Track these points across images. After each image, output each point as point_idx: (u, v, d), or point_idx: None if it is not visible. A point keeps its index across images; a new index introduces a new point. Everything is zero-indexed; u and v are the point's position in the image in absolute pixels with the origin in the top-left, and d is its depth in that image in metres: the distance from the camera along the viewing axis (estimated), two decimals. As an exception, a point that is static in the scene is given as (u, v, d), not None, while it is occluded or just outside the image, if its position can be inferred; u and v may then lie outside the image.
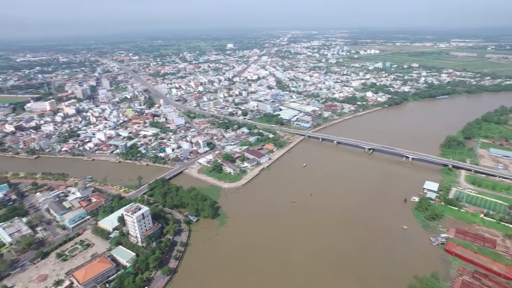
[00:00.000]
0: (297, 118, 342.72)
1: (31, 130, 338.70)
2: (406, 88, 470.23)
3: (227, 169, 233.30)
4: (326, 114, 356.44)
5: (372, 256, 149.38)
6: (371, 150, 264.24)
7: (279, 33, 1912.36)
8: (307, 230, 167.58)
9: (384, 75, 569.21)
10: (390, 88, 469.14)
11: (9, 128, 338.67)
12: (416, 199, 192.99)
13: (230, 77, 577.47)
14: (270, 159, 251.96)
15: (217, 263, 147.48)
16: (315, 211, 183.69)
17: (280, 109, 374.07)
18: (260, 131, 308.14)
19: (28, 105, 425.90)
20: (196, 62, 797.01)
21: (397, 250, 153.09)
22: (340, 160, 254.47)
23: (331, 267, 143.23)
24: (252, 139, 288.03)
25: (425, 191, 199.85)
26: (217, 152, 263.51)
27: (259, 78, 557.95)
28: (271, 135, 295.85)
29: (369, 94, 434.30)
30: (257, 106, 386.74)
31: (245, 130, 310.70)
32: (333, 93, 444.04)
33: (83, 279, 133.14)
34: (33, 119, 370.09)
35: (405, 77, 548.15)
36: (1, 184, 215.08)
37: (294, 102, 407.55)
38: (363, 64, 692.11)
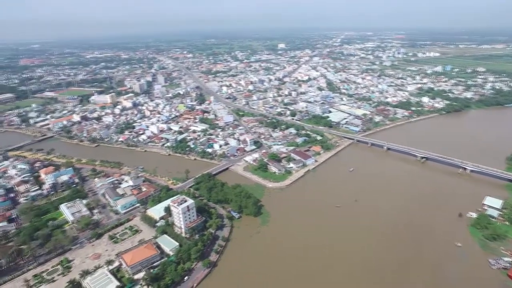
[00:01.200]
0: (347, 121, 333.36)
1: (93, 120, 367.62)
2: (468, 94, 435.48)
3: (273, 168, 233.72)
4: (377, 118, 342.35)
5: (419, 272, 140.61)
6: (424, 159, 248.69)
7: (332, 34, 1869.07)
8: (350, 238, 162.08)
9: (443, 80, 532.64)
10: (450, 94, 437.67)
11: (76, 118, 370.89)
12: (474, 215, 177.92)
13: (280, 77, 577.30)
14: (316, 161, 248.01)
15: (256, 261, 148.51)
16: (360, 218, 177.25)
17: (330, 111, 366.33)
18: (308, 132, 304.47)
19: (93, 97, 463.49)
20: (248, 61, 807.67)
21: (448, 268, 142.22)
22: (389, 167, 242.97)
23: (371, 279, 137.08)
24: (299, 140, 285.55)
25: (484, 208, 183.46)
26: (264, 151, 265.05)
27: (309, 79, 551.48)
28: (318, 137, 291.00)
29: (425, 99, 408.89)
30: (306, 107, 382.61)
31: (292, 130, 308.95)
32: (386, 97, 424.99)
33: (130, 262, 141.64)
34: (96, 111, 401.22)
35: (468, 82, 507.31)
36: (67, 168, 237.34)
37: (344, 104, 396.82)
38: (420, 68, 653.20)
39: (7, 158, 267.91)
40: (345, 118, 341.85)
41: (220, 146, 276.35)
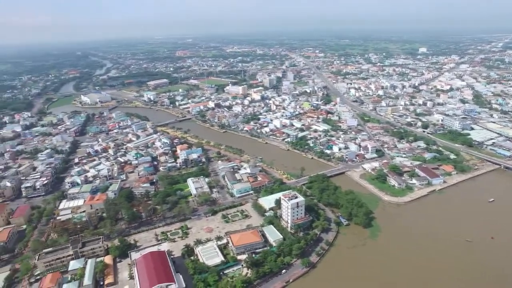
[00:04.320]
0: (494, 143, 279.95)
1: (225, 108, 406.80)
2: None
3: (392, 181, 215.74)
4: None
5: None
6: None
7: (491, 37, 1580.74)
8: (476, 283, 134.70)
9: None
10: None
11: (211, 104, 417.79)
12: None
13: (416, 84, 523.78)
14: (445, 182, 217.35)
15: (356, 273, 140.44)
16: (495, 261, 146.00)
17: (472, 128, 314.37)
18: (440, 148, 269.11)
19: (227, 87, 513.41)
20: (381, 64, 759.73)
21: None
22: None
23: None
24: (427, 155, 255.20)
25: None
26: (385, 161, 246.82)
27: (451, 89, 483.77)
28: (452, 156, 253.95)
29: None
30: (442, 120, 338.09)
31: (421, 144, 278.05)
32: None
33: (236, 243, 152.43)
34: (228, 100, 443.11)
35: None
36: (198, 147, 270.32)
37: (494, 122, 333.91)
38: None
39: (156, 132, 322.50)
40: (492, 139, 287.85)
41: (340, 149, 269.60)
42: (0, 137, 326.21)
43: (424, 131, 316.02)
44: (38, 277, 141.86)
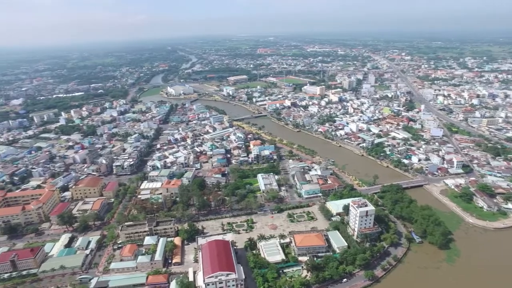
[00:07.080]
0: None
1: (301, 108, 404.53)
2: None
3: (480, 202, 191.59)
4: None
5: None
6: None
7: None
8: None
9: None
10: None
11: (287, 103, 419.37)
12: None
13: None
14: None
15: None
16: None
17: None
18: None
19: (305, 87, 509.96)
20: (479, 70, 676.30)
21: None
22: None
23: None
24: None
25: None
26: (473, 178, 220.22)
27: None
28: None
29: None
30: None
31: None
32: None
33: (299, 243, 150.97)
34: (304, 99, 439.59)
35: None
36: (270, 144, 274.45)
37: None
38: None
39: (231, 126, 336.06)
40: None
41: (419, 160, 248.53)
42: (101, 120, 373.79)
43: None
44: (120, 245, 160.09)
